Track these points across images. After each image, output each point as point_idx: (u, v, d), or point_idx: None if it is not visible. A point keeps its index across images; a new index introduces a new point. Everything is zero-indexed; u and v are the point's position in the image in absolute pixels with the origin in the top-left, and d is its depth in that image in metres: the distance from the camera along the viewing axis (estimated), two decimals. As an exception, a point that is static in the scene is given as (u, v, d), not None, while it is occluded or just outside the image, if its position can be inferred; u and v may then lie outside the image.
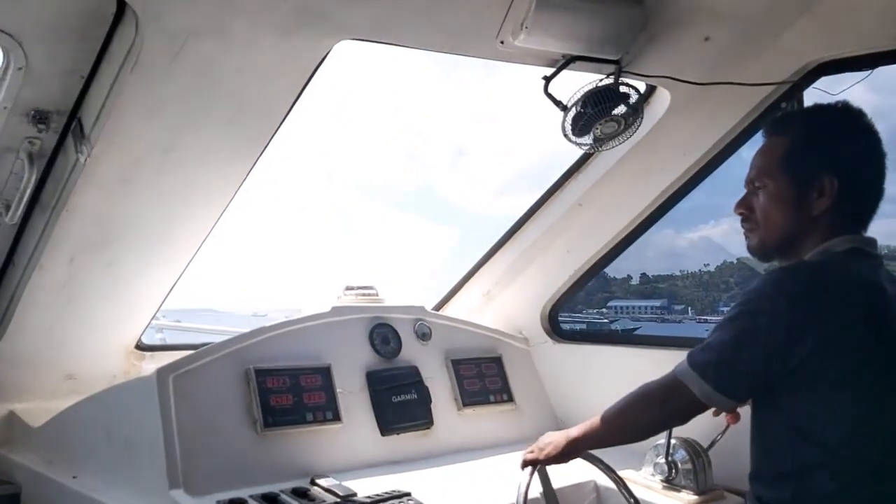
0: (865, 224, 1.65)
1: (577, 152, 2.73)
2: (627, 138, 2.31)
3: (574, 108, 2.25)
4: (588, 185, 2.81)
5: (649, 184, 2.70)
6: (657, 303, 3.38)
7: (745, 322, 1.53)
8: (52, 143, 2.27)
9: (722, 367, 1.55)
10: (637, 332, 3.99)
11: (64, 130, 2.24)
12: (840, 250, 1.58)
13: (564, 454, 1.94)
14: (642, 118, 2.28)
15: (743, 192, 1.75)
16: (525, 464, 1.98)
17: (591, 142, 2.32)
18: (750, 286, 1.58)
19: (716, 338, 1.57)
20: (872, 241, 1.64)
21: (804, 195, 1.60)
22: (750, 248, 1.75)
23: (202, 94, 2.13)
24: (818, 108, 1.79)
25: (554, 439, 1.96)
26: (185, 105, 2.15)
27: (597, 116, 2.21)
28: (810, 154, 1.62)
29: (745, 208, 1.71)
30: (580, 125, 2.26)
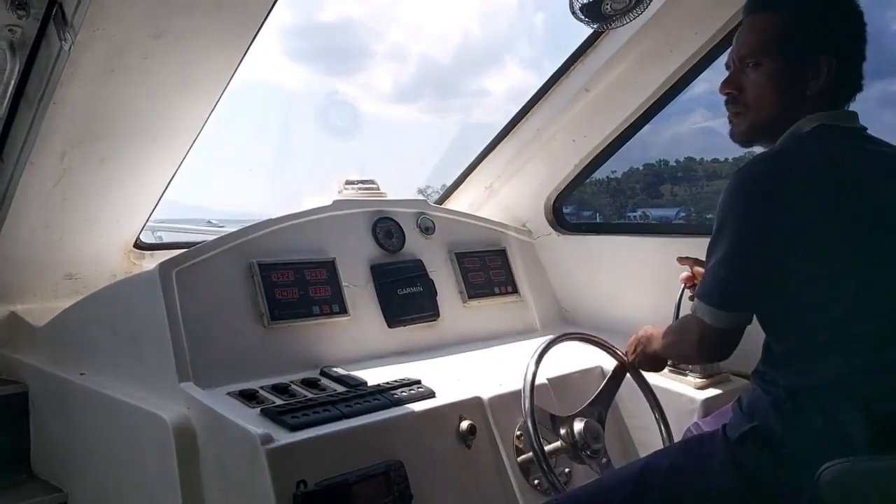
0: (849, 98, 1.62)
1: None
2: (638, 14, 2.20)
3: (583, -17, 2.13)
4: (595, 69, 2.71)
5: (659, 66, 2.60)
6: (567, 209, 3.35)
7: (728, 235, 1.51)
8: (33, 32, 2.13)
9: (726, 286, 1.54)
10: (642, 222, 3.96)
11: (45, 17, 2.11)
12: (807, 130, 1.56)
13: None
14: (655, -8, 2.17)
15: None
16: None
17: (601, 20, 2.21)
18: (719, 200, 1.55)
19: (711, 263, 1.56)
20: (847, 115, 1.61)
21: (800, 75, 1.56)
22: (735, 133, 1.70)
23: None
24: None
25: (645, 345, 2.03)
26: (170, -16, 2.02)
27: (607, -10, 2.10)
28: (808, 34, 1.56)
29: (734, 87, 1.65)
30: (589, 1, 2.15)
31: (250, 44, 2.28)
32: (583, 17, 2.20)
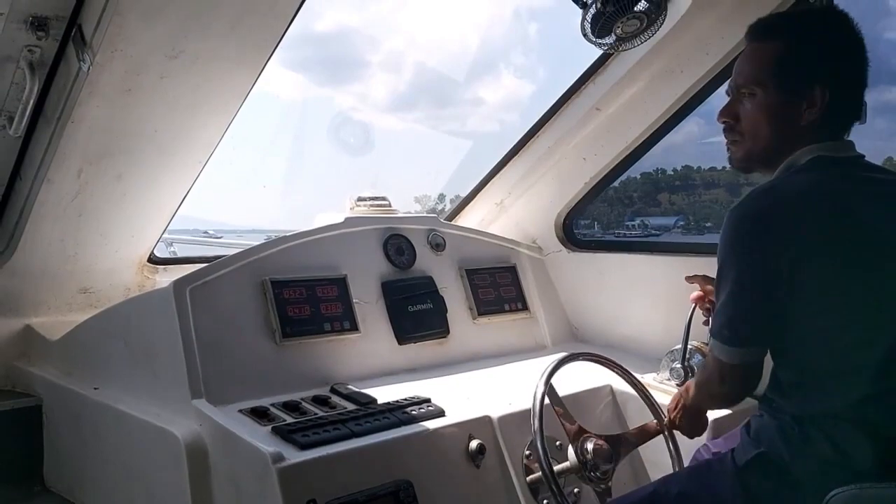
0: (846, 128, 1.60)
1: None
2: (649, 37, 2.22)
3: (594, 6, 2.15)
4: (606, 89, 2.73)
5: (670, 86, 2.61)
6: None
7: (731, 274, 1.51)
8: (52, 52, 2.19)
9: (736, 323, 1.53)
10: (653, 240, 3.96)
11: (64, 38, 2.15)
12: (803, 163, 1.55)
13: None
14: (665, 14, 2.18)
15: None
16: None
17: (612, 42, 2.23)
18: (719, 239, 1.55)
19: (720, 301, 1.56)
20: (843, 145, 1.59)
21: (794, 105, 1.54)
22: (733, 160, 1.69)
23: (204, -6, 2.04)
24: (807, 12, 1.70)
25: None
26: (187, 7, 2.06)
27: (618, 14, 2.12)
28: (803, 63, 1.55)
29: (731, 116, 1.64)
30: (600, 24, 2.17)
31: (265, 64, 2.32)
32: (594, 39, 2.22)
